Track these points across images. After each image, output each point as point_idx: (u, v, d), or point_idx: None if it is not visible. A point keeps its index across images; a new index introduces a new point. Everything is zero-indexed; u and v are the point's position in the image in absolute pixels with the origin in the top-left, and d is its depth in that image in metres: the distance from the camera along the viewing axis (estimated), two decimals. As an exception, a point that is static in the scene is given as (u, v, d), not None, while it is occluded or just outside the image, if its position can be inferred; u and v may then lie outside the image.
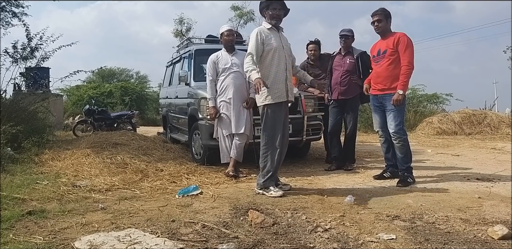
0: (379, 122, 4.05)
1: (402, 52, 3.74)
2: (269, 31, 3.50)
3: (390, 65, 3.82)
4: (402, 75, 3.73)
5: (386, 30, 3.91)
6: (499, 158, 5.55)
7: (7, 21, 7.52)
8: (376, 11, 3.91)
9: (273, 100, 3.40)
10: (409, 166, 3.89)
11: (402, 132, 3.83)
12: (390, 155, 4.10)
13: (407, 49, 3.74)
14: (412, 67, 3.74)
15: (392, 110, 3.82)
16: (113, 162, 4.66)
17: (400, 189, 3.59)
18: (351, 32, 4.62)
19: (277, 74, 3.43)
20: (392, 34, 3.87)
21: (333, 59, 4.72)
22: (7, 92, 7.42)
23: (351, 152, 4.80)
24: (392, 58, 3.81)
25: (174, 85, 6.65)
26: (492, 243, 2.23)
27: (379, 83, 3.93)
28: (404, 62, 3.73)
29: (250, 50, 3.41)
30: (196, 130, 5.01)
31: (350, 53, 4.60)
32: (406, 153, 3.86)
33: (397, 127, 3.80)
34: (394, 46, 3.78)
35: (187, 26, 21.78)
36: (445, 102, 12.29)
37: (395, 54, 3.79)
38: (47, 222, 2.60)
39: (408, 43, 3.76)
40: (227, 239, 2.28)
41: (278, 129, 3.42)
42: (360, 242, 2.24)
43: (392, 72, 3.80)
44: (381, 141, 4.15)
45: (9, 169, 4.35)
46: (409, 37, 3.82)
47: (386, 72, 3.84)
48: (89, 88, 21.52)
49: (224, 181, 3.97)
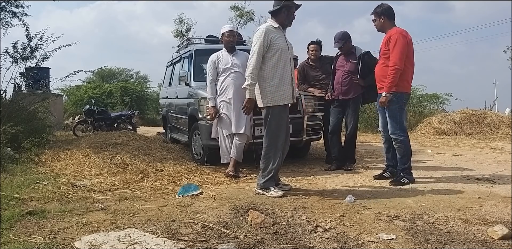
0: (382, 122, 4.04)
1: (391, 51, 3.65)
2: (275, 30, 3.40)
3: (383, 64, 3.79)
4: (387, 77, 3.65)
5: (383, 27, 3.84)
6: (499, 158, 5.55)
7: (7, 21, 7.52)
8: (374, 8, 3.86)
9: (279, 102, 3.37)
10: (406, 167, 3.84)
11: (399, 133, 3.76)
12: (390, 155, 4.09)
13: (395, 49, 3.62)
14: (397, 67, 3.59)
15: (386, 110, 3.80)
16: (113, 162, 4.67)
17: (401, 189, 3.59)
18: (342, 40, 4.49)
19: (283, 76, 3.38)
20: (388, 32, 3.79)
21: (337, 59, 4.72)
22: (7, 92, 7.43)
23: (351, 152, 4.80)
24: (384, 57, 3.76)
25: (174, 85, 6.65)
26: (492, 243, 2.23)
27: (378, 82, 3.92)
28: (390, 62, 3.64)
29: (257, 52, 3.30)
30: (196, 130, 5.01)
31: (352, 54, 4.60)
32: (404, 155, 3.81)
33: (393, 128, 3.77)
34: (385, 45, 3.73)
35: (187, 26, 21.82)
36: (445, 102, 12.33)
37: (388, 53, 3.71)
38: (47, 222, 2.60)
39: (398, 42, 3.60)
40: (227, 239, 2.28)
41: (282, 130, 3.41)
42: (360, 242, 2.24)
43: (385, 72, 3.73)
44: (383, 141, 4.16)
45: (9, 169, 4.35)
46: (403, 34, 3.66)
47: (381, 71, 3.82)
48: (89, 88, 21.55)
49: (224, 181, 3.97)
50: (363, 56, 4.52)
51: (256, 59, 3.31)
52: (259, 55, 3.32)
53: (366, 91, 4.56)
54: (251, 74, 3.32)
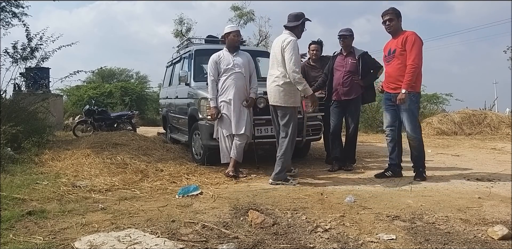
0: (389, 121, 4.09)
1: (408, 50, 3.77)
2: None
3: (399, 64, 3.86)
4: (406, 74, 3.76)
5: (397, 29, 3.93)
6: (499, 158, 5.55)
7: (7, 21, 7.53)
8: (386, 10, 3.93)
9: (297, 104, 4.02)
10: (424, 163, 4.05)
11: (418, 131, 3.94)
12: (394, 155, 4.12)
13: (413, 48, 3.75)
14: (416, 65, 3.75)
15: (405, 109, 3.86)
16: (113, 162, 4.67)
17: (400, 189, 3.59)
18: (348, 32, 4.58)
19: None
20: (402, 33, 3.89)
21: (334, 59, 4.69)
22: (7, 92, 7.44)
23: (351, 152, 4.79)
24: (401, 57, 3.84)
25: (174, 85, 6.65)
26: (492, 243, 2.23)
27: (391, 82, 3.97)
28: (409, 60, 3.76)
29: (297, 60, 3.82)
30: (196, 130, 5.00)
31: (352, 54, 4.59)
32: (420, 151, 3.99)
33: (413, 126, 3.88)
34: (402, 45, 3.81)
35: (187, 26, 21.80)
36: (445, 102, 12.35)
37: (404, 54, 3.81)
38: (47, 222, 2.60)
39: (415, 42, 3.77)
40: (227, 239, 2.28)
41: (295, 127, 4.00)
42: (360, 242, 2.24)
43: (402, 71, 3.82)
44: (388, 140, 4.17)
45: (9, 169, 4.35)
46: (418, 35, 3.82)
47: (397, 71, 3.88)
48: (89, 88, 21.56)
49: (224, 181, 3.97)
50: (363, 56, 4.53)
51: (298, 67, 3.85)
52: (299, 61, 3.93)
53: (364, 91, 4.60)
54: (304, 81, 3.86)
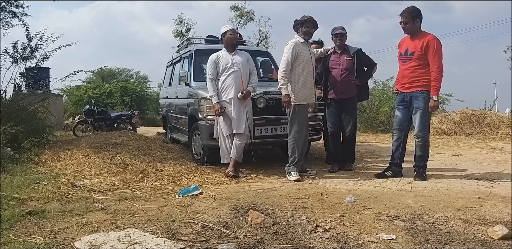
0: (400, 120, 4.10)
1: (431, 57, 3.79)
2: (302, 44, 4.17)
3: (416, 67, 3.88)
4: (433, 81, 3.80)
5: (414, 30, 3.92)
6: (499, 158, 5.55)
7: (7, 21, 7.53)
8: (404, 11, 3.90)
9: (300, 102, 4.11)
10: (425, 164, 4.05)
11: (427, 131, 3.95)
12: (397, 154, 4.13)
13: (436, 54, 3.78)
14: (441, 71, 3.80)
15: (419, 108, 3.89)
16: (113, 162, 4.67)
17: (401, 189, 3.59)
18: (344, 30, 4.58)
19: (305, 82, 4.14)
20: (421, 35, 3.87)
21: (329, 58, 4.64)
22: (7, 92, 7.45)
23: (351, 152, 4.79)
24: (418, 61, 3.85)
25: (174, 85, 6.65)
26: (492, 243, 2.23)
27: (405, 83, 3.99)
28: (434, 67, 3.79)
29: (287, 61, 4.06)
30: (196, 130, 5.00)
31: (346, 51, 4.57)
32: (425, 151, 4.01)
33: (423, 126, 3.91)
34: (422, 50, 3.80)
35: (187, 26, 21.84)
36: (445, 102, 12.24)
37: (423, 58, 3.82)
38: (47, 222, 2.60)
39: (437, 48, 3.78)
40: (227, 239, 2.29)
41: (304, 124, 4.20)
42: (360, 242, 2.24)
43: (418, 73, 3.86)
44: (394, 139, 4.18)
45: (9, 169, 4.35)
46: (439, 40, 3.83)
47: (413, 73, 3.90)
48: (89, 88, 21.56)
49: (224, 181, 3.97)
50: (357, 53, 4.53)
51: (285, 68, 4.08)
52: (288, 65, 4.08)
53: (358, 90, 4.63)
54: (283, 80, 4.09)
